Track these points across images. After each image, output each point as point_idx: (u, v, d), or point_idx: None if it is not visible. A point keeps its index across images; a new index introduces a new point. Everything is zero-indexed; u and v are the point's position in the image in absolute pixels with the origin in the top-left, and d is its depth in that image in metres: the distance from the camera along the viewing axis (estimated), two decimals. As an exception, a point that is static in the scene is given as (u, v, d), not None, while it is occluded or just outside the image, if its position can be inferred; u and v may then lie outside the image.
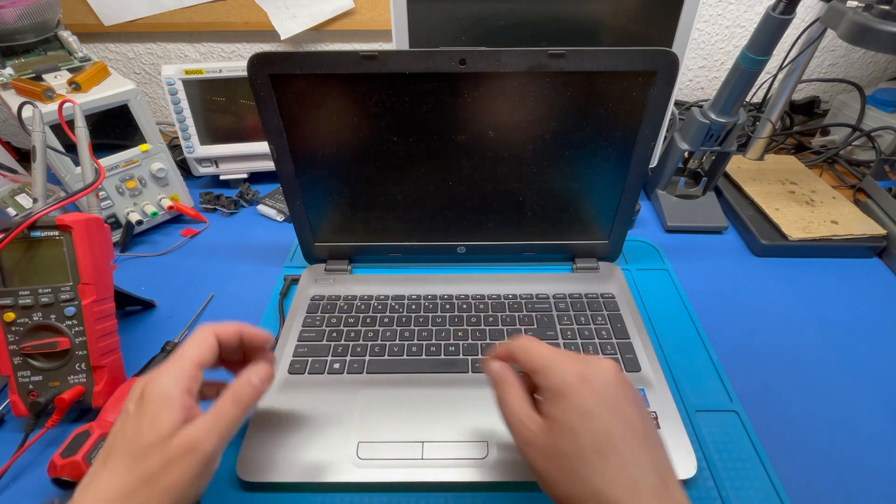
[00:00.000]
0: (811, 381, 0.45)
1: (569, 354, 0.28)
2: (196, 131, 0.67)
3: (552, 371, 0.27)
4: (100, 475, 0.27)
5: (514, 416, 0.28)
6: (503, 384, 0.30)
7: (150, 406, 0.27)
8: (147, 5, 0.79)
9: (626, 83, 0.42)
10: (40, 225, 0.39)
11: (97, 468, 0.27)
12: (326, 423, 0.39)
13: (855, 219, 0.60)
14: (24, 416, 0.40)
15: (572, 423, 0.25)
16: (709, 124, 0.57)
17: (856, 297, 0.53)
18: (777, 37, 0.50)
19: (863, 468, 0.38)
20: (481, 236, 0.53)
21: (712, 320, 0.50)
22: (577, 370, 0.27)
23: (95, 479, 0.26)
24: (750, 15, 0.80)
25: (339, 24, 0.80)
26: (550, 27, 0.54)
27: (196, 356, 0.29)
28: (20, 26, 0.56)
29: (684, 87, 0.89)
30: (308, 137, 0.46)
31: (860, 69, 0.87)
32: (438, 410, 0.40)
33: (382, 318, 0.49)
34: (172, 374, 0.28)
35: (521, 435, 0.27)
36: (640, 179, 0.48)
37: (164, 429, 0.26)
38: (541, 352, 0.29)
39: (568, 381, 0.26)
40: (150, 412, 0.27)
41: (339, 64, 0.41)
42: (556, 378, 0.27)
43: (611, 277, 0.54)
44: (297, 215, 0.51)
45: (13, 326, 0.39)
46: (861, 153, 0.75)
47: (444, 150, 0.46)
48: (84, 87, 0.54)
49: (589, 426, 0.25)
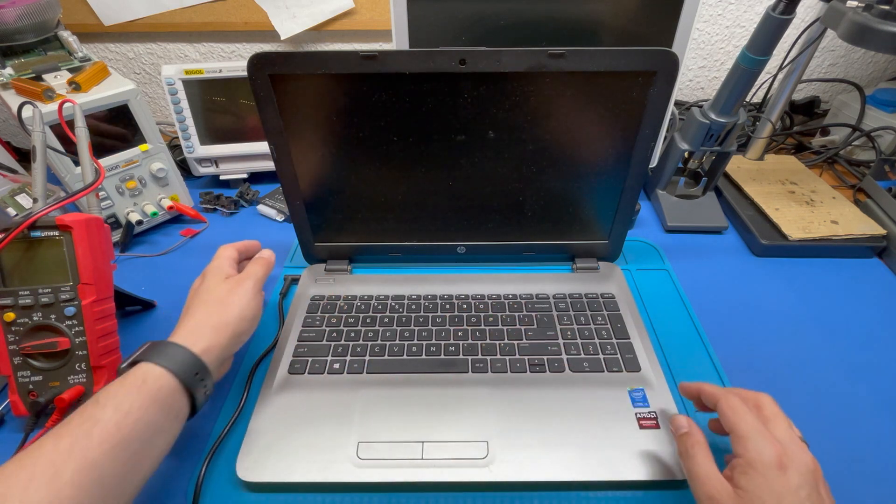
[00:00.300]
0: (811, 381, 0.45)
1: (769, 432, 0.30)
2: (196, 131, 0.67)
3: (752, 442, 0.29)
4: (183, 321, 0.38)
5: (704, 474, 0.30)
6: (692, 439, 0.32)
7: (211, 273, 0.42)
8: (147, 5, 0.79)
9: (626, 83, 0.42)
10: (40, 225, 0.39)
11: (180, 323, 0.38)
12: (326, 424, 0.39)
13: (855, 219, 0.60)
14: (24, 416, 0.40)
15: (763, 500, 0.27)
16: (709, 124, 0.57)
17: (856, 297, 0.53)
18: (777, 37, 0.50)
19: (863, 468, 0.38)
20: (481, 236, 0.53)
21: (712, 320, 0.50)
22: (776, 451, 0.29)
23: (182, 326, 0.37)
24: (750, 15, 0.80)
25: (339, 24, 0.80)
26: (550, 27, 0.54)
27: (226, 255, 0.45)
28: (20, 26, 0.56)
29: (684, 87, 0.89)
30: (308, 137, 0.46)
31: (860, 69, 0.87)
32: (438, 410, 0.40)
33: (382, 318, 0.49)
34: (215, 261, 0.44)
35: (707, 493, 0.29)
36: (640, 179, 0.48)
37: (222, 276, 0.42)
38: (748, 419, 0.30)
39: (766, 461, 0.28)
40: (213, 274, 0.42)
41: (339, 64, 0.41)
42: (754, 452, 0.29)
43: (611, 277, 0.54)
44: (297, 215, 0.51)
45: (13, 326, 0.39)
46: (861, 153, 0.75)
47: (444, 150, 0.46)
48: (84, 87, 0.54)
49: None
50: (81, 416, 0.29)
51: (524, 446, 0.37)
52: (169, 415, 0.32)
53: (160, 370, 0.32)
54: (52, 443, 0.27)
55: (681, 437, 0.33)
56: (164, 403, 0.32)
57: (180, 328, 0.37)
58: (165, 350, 0.34)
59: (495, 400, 0.41)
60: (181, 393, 0.33)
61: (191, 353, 0.34)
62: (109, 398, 0.30)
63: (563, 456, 0.37)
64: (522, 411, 0.40)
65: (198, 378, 0.34)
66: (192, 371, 0.34)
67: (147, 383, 0.31)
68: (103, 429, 0.28)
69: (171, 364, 0.33)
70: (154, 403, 0.31)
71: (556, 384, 0.42)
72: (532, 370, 0.44)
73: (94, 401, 0.30)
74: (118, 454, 0.28)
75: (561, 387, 0.42)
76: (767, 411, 0.32)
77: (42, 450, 0.27)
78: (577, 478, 0.36)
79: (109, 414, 0.29)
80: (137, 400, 0.30)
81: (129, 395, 0.30)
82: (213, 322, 0.37)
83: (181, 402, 0.33)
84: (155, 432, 0.31)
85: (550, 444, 0.37)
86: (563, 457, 0.37)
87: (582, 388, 0.42)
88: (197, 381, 0.34)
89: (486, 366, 0.44)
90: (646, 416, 0.39)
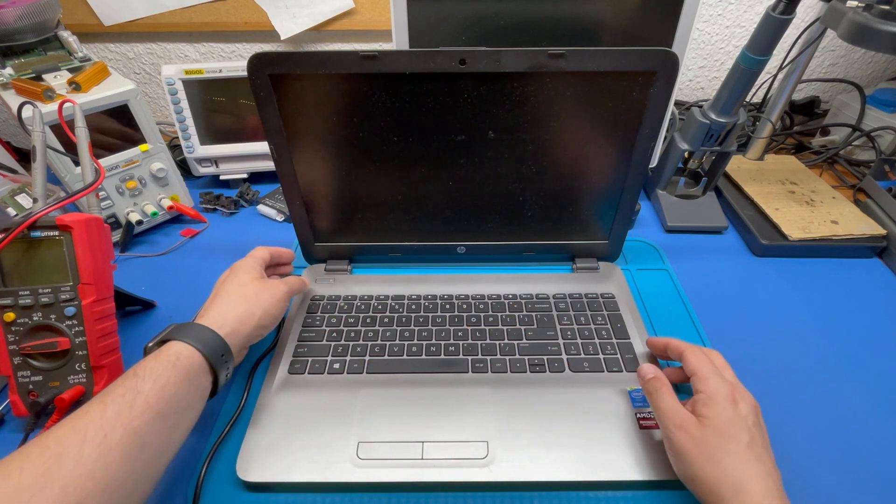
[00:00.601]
0: (811, 381, 0.45)
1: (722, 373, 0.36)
2: (196, 131, 0.67)
3: (711, 381, 0.35)
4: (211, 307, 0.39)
5: (670, 408, 0.35)
6: (658, 381, 0.37)
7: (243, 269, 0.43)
8: (147, 5, 0.79)
9: (626, 83, 0.42)
10: (40, 225, 0.39)
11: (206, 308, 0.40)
12: (326, 423, 0.39)
13: (855, 219, 0.60)
14: (24, 416, 0.40)
15: (721, 425, 0.32)
16: (709, 124, 0.57)
17: (856, 297, 0.53)
18: (777, 37, 0.50)
19: (863, 468, 0.38)
20: (481, 236, 0.53)
21: (712, 320, 0.50)
22: (730, 389, 0.34)
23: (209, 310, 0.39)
24: (750, 15, 0.80)
25: (339, 24, 0.80)
26: (550, 27, 0.54)
27: (259, 255, 0.46)
28: (20, 26, 0.56)
29: (684, 87, 0.89)
30: (308, 137, 0.46)
31: (860, 69, 0.87)
32: (438, 410, 0.40)
33: (382, 318, 0.49)
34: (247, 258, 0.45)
35: (672, 419, 0.34)
36: (640, 179, 0.48)
37: (255, 274, 0.43)
38: (708, 365, 0.36)
39: (722, 394, 0.34)
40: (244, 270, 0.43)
41: (339, 64, 0.41)
42: (714, 388, 0.34)
43: (611, 277, 0.54)
44: (297, 215, 0.51)
45: (13, 326, 0.39)
46: (861, 153, 0.75)
47: (444, 150, 0.46)
48: (84, 87, 0.54)
49: (737, 433, 0.32)
50: (123, 386, 0.31)
51: (524, 446, 0.37)
52: (196, 392, 0.35)
53: (191, 349, 0.35)
54: (98, 410, 0.29)
55: (649, 381, 0.38)
56: (194, 381, 0.34)
57: (207, 312, 0.39)
58: (195, 331, 0.36)
59: (495, 400, 0.41)
60: (207, 372, 0.36)
61: (218, 335, 0.37)
62: (147, 372, 0.32)
63: (563, 456, 0.37)
64: (522, 411, 0.40)
65: (223, 360, 0.37)
66: (218, 352, 0.36)
67: (180, 360, 0.34)
68: (144, 400, 0.30)
69: (200, 344, 0.35)
70: (186, 380, 0.33)
71: (556, 384, 0.42)
72: (532, 370, 0.44)
73: (133, 373, 0.32)
74: (156, 424, 0.30)
75: (561, 387, 0.42)
76: (718, 362, 0.38)
77: (90, 416, 0.29)
78: (577, 478, 0.36)
79: (149, 387, 0.31)
80: (172, 375, 0.32)
81: (165, 371, 0.32)
82: (239, 312, 0.39)
83: (206, 381, 0.36)
84: (186, 407, 0.34)
85: (550, 444, 0.37)
86: (563, 457, 0.37)
87: (582, 388, 0.42)
88: (221, 363, 0.36)
89: (486, 366, 0.44)
90: (646, 416, 0.39)
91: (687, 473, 0.33)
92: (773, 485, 0.30)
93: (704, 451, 0.32)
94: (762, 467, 0.31)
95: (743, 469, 0.31)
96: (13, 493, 0.25)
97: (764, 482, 0.30)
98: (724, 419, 0.33)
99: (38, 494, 0.25)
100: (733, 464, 0.31)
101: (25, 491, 0.25)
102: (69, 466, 0.26)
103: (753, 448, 0.32)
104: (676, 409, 0.35)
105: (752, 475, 0.30)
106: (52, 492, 0.25)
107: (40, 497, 0.25)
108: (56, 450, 0.27)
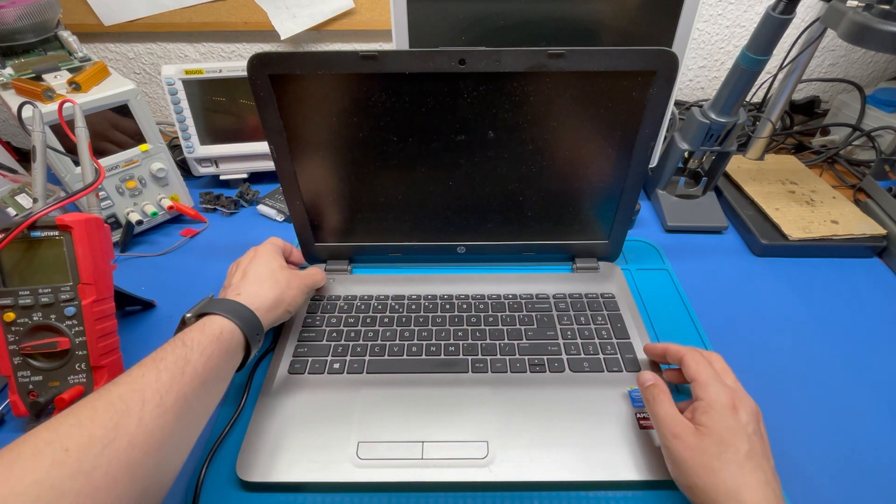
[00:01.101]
0: (811, 381, 0.45)
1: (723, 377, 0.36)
2: (196, 131, 0.67)
3: (711, 388, 0.34)
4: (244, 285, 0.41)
5: (668, 416, 0.34)
6: (657, 388, 0.37)
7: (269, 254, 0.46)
8: (147, 5, 0.79)
9: (626, 83, 0.42)
10: (40, 225, 0.39)
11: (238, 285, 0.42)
12: (326, 423, 0.39)
13: (855, 218, 0.60)
14: (24, 417, 0.40)
15: (721, 434, 0.32)
16: (709, 124, 0.57)
17: (856, 297, 0.53)
18: (777, 37, 0.50)
19: (863, 468, 0.38)
20: (481, 236, 0.53)
21: (712, 320, 0.50)
22: (730, 395, 0.34)
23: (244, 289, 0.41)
24: (750, 15, 0.80)
25: (339, 24, 0.80)
26: (550, 27, 0.54)
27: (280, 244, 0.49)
28: (20, 26, 0.56)
29: (684, 87, 0.89)
30: (308, 137, 0.46)
31: (860, 69, 0.87)
32: (438, 410, 0.40)
33: (382, 318, 0.49)
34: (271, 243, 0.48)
35: (669, 427, 0.34)
36: (640, 179, 0.48)
37: (282, 261, 0.46)
38: (708, 370, 0.36)
39: (722, 402, 0.33)
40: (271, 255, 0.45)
41: (339, 64, 0.41)
42: (713, 395, 0.34)
43: (611, 277, 0.54)
44: (297, 215, 0.51)
45: (13, 326, 0.39)
46: (861, 153, 0.75)
47: (444, 150, 0.46)
48: (84, 87, 0.54)
49: (735, 442, 0.31)
50: (174, 354, 0.33)
51: (524, 446, 0.37)
52: (232, 365, 0.37)
53: (233, 326, 0.37)
54: (153, 375, 0.31)
55: (647, 388, 0.37)
56: (232, 354, 0.37)
57: (242, 291, 0.41)
58: (237, 308, 0.39)
59: (495, 400, 0.41)
60: (242, 348, 0.38)
61: (256, 315, 0.39)
62: (195, 343, 0.34)
63: (563, 456, 0.37)
64: (522, 411, 0.40)
65: (257, 338, 0.39)
66: (254, 331, 0.39)
67: (223, 335, 0.36)
68: (193, 369, 0.32)
69: (241, 322, 0.38)
70: (226, 353, 0.36)
71: (556, 384, 0.42)
72: (532, 370, 0.44)
73: (182, 343, 0.34)
74: (200, 392, 0.33)
75: (561, 387, 0.42)
76: (719, 366, 0.37)
77: (146, 379, 0.31)
78: (577, 478, 0.36)
79: (196, 356, 0.33)
80: (217, 348, 0.35)
81: (210, 343, 0.35)
82: (273, 294, 0.42)
83: (240, 355, 0.38)
84: (224, 378, 0.36)
85: (550, 444, 0.37)
86: (563, 457, 0.37)
87: (582, 388, 0.42)
88: (256, 340, 0.39)
89: (486, 366, 0.44)
90: (646, 417, 0.39)
91: (684, 482, 0.32)
92: (771, 494, 0.30)
93: (702, 460, 0.31)
94: (761, 476, 0.30)
95: (740, 479, 0.30)
96: (87, 441, 0.26)
97: (762, 492, 0.30)
98: (722, 427, 0.32)
99: (109, 446, 0.27)
100: (731, 473, 0.30)
101: (99, 441, 0.27)
102: (133, 423, 0.28)
103: (752, 457, 0.31)
104: (674, 417, 0.34)
105: (750, 485, 0.30)
106: (121, 444, 0.27)
107: (112, 448, 0.27)
108: (120, 406, 0.28)
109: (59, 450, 0.26)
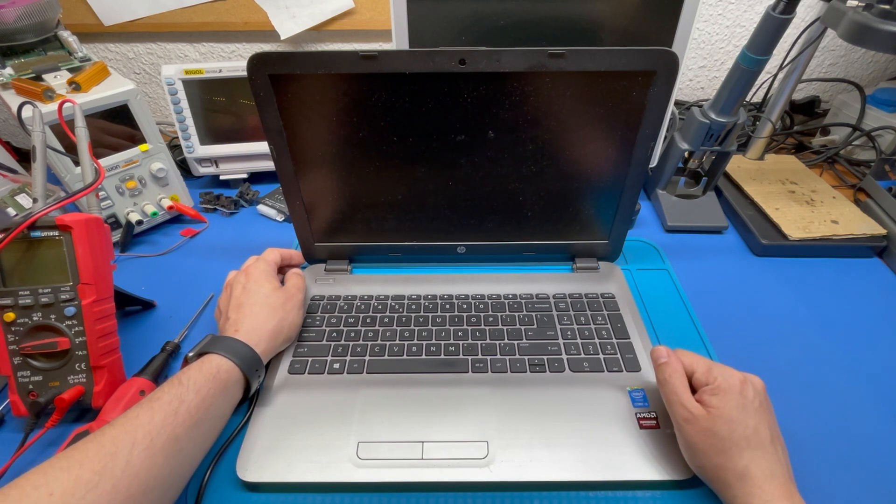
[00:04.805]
0: (811, 381, 0.45)
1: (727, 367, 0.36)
2: (196, 131, 0.67)
3: (719, 372, 0.35)
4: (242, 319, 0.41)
5: (678, 395, 0.35)
6: (670, 368, 0.36)
7: (262, 276, 0.45)
8: (147, 5, 0.79)
9: (626, 83, 0.42)
10: (40, 225, 0.39)
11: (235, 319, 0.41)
12: (326, 423, 0.39)
13: (855, 218, 0.60)
14: (24, 417, 0.40)
15: (730, 414, 0.33)
16: (709, 124, 0.57)
17: (856, 297, 0.53)
18: (777, 36, 0.50)
19: (863, 467, 0.38)
20: (481, 236, 0.53)
21: (712, 320, 0.50)
22: (740, 376, 0.35)
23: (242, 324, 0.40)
24: (750, 15, 0.80)
25: (339, 24, 0.80)
26: (550, 27, 0.54)
27: (272, 258, 0.48)
28: (20, 26, 0.56)
29: (684, 87, 0.89)
30: (308, 137, 0.46)
31: (860, 69, 0.87)
32: (438, 410, 0.40)
33: (382, 318, 0.49)
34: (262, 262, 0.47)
35: (681, 413, 0.34)
36: (640, 179, 0.48)
37: (275, 283, 0.45)
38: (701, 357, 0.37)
39: (731, 382, 0.34)
40: (264, 278, 0.45)
41: (339, 64, 0.41)
42: (722, 379, 0.34)
43: (611, 277, 0.54)
44: (297, 215, 0.51)
45: (13, 326, 0.39)
46: (861, 153, 0.75)
47: (444, 150, 0.46)
48: (84, 87, 0.54)
49: (744, 419, 0.33)
50: (170, 394, 0.33)
51: (524, 446, 0.37)
52: (230, 401, 0.37)
53: (231, 364, 0.37)
54: (147, 416, 0.31)
55: (661, 366, 0.37)
56: (229, 392, 0.37)
57: (241, 326, 0.41)
58: (234, 346, 0.38)
59: (495, 400, 0.41)
60: (241, 384, 0.38)
61: (254, 351, 0.39)
62: (191, 382, 0.34)
63: (563, 456, 0.37)
64: (522, 411, 0.40)
65: (256, 373, 0.39)
66: (253, 367, 0.39)
67: (220, 374, 0.36)
68: (186, 410, 0.33)
69: (238, 360, 0.38)
70: (223, 392, 0.36)
71: (556, 384, 0.42)
72: (532, 370, 0.44)
73: (178, 381, 0.34)
74: (194, 432, 0.33)
75: (561, 387, 0.42)
76: None
77: (139, 420, 0.31)
78: (577, 478, 0.36)
79: (191, 397, 0.33)
80: (213, 388, 0.35)
81: (206, 383, 0.35)
82: (270, 327, 0.42)
83: (239, 392, 0.38)
84: (220, 416, 0.36)
85: (550, 444, 0.37)
86: (563, 457, 0.37)
87: (582, 388, 0.42)
88: (255, 376, 0.39)
89: (486, 366, 0.44)
90: (646, 416, 0.39)
91: (695, 462, 0.34)
92: (777, 467, 0.31)
93: (712, 441, 0.33)
94: (768, 450, 0.32)
95: (748, 454, 0.32)
96: (73, 486, 0.27)
97: (767, 465, 0.31)
98: (732, 407, 0.33)
99: (93, 490, 0.27)
100: (739, 450, 0.32)
101: (84, 485, 0.27)
102: (120, 466, 0.29)
103: (759, 432, 0.32)
104: (687, 401, 0.35)
105: (756, 458, 0.32)
106: (106, 488, 0.28)
107: (95, 492, 0.27)
108: (110, 449, 0.29)
109: (44, 494, 0.26)
